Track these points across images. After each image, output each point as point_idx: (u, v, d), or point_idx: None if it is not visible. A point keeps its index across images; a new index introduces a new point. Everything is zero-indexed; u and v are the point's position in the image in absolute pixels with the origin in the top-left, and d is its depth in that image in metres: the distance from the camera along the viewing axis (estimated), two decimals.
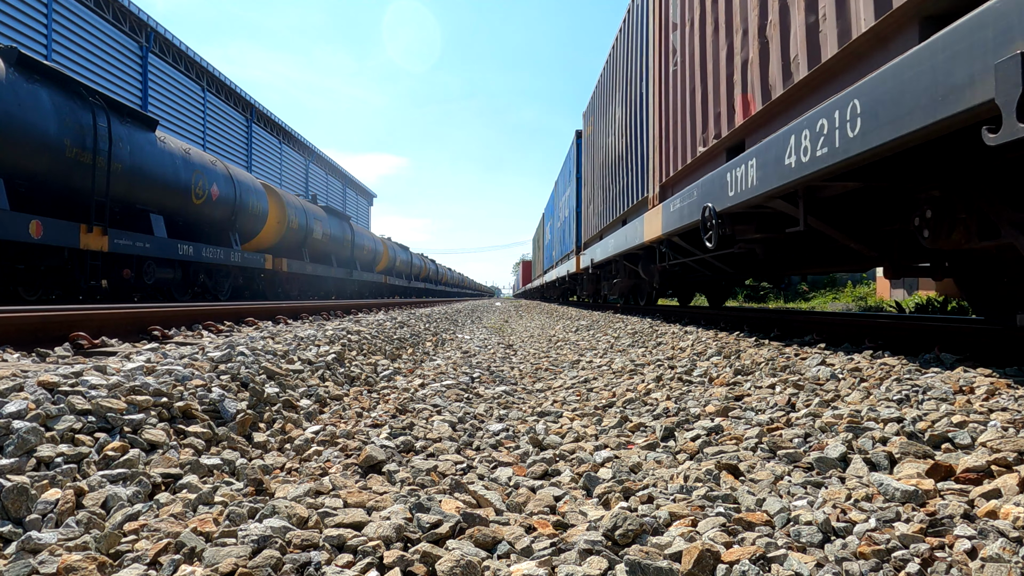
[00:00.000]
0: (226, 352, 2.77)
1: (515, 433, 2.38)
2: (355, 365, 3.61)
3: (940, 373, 2.23)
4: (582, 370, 4.04)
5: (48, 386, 1.83)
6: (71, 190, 8.08)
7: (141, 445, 1.70)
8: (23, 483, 1.31)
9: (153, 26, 22.16)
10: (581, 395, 3.15)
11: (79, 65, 18.44)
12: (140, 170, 9.24)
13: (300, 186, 37.39)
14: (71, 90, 8.14)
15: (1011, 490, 1.27)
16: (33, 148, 7.30)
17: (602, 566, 1.15)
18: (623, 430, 2.34)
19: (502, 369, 4.22)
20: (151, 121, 9.91)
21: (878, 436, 1.68)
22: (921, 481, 1.37)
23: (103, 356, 2.87)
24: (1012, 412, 1.68)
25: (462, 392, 3.20)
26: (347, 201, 47.60)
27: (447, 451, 2.07)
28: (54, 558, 1.12)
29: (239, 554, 1.14)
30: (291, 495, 1.53)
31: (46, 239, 7.22)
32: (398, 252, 28.88)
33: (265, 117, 32.54)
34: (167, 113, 23.34)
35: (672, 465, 1.89)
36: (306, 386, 2.76)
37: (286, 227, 15.03)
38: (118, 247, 8.56)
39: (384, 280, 25.55)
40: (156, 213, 9.92)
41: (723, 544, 1.20)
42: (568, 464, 1.96)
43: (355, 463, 1.82)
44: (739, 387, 2.71)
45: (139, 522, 1.29)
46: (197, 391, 2.15)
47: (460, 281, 64.05)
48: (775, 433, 1.94)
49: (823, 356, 2.89)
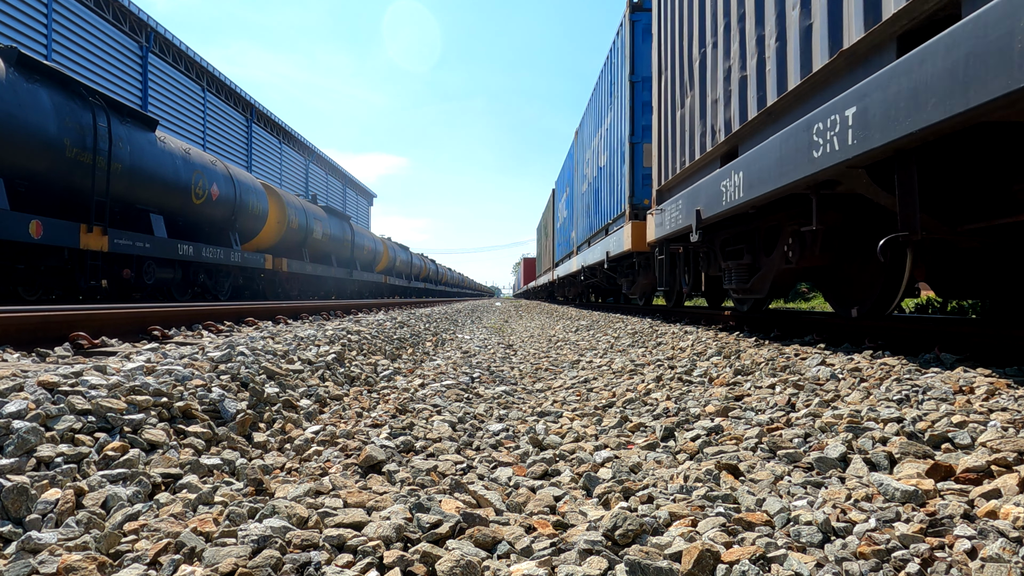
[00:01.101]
0: (226, 352, 2.77)
1: (515, 433, 2.38)
2: (355, 365, 3.61)
3: (940, 373, 2.23)
4: (582, 370, 4.04)
5: (48, 386, 1.83)
6: (71, 190, 8.08)
7: (141, 445, 1.70)
8: (23, 483, 1.31)
9: (153, 26, 22.16)
10: (581, 395, 3.15)
11: (79, 65, 18.44)
12: (140, 170, 9.24)
13: (300, 186, 37.39)
14: (71, 90, 8.14)
15: (1011, 490, 1.27)
16: (33, 148, 7.30)
17: (602, 566, 1.15)
18: (623, 430, 2.34)
19: (502, 369, 4.22)
20: (151, 121, 9.91)
21: (878, 436, 1.68)
22: (921, 481, 1.37)
23: (103, 356, 2.87)
24: (1012, 412, 1.68)
25: (462, 392, 3.20)
26: (347, 201, 47.60)
27: (447, 451, 2.07)
28: (54, 558, 1.12)
29: (239, 554, 1.14)
30: (291, 495, 1.53)
31: (46, 239, 7.22)
32: (398, 252, 28.89)
33: (265, 117, 32.54)
34: (167, 113, 23.34)
35: (672, 465, 1.89)
36: (306, 386, 2.76)
37: (286, 227, 15.03)
38: (118, 247, 8.56)
39: (384, 280, 25.55)
40: (156, 213, 9.92)
41: (723, 544, 1.20)
42: (568, 464, 1.96)
43: (355, 463, 1.82)
44: (739, 387, 2.71)
45: (139, 522, 1.29)
46: (197, 391, 2.16)
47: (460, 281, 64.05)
48: (775, 433, 1.94)
49: (823, 356, 2.89)
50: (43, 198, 7.91)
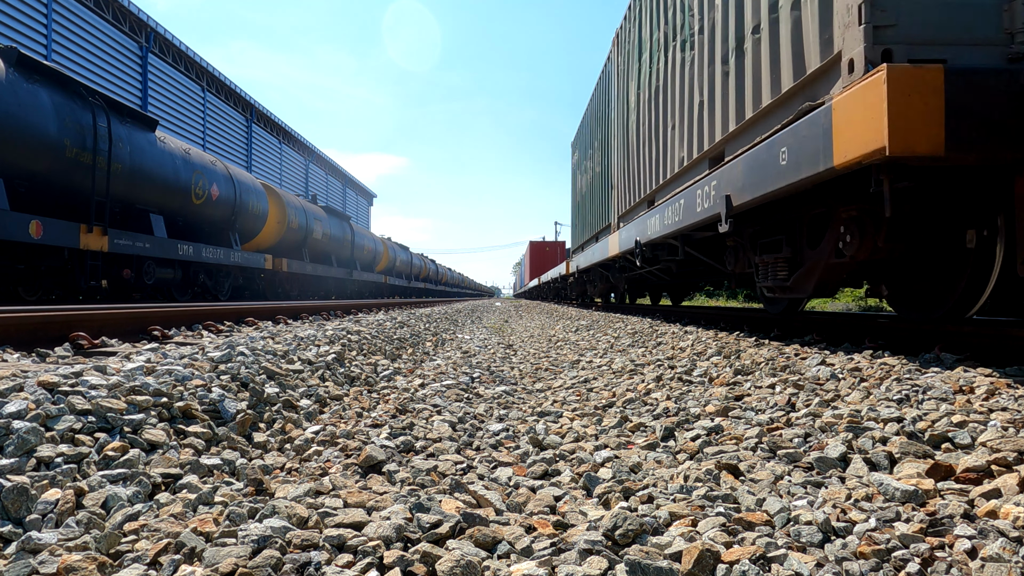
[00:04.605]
0: (226, 352, 2.77)
1: (515, 433, 2.38)
2: (355, 365, 3.61)
3: (940, 373, 2.23)
4: (582, 370, 4.04)
5: (48, 386, 1.83)
6: (71, 190, 8.08)
7: (141, 445, 1.70)
8: (23, 483, 1.31)
9: (153, 26, 22.15)
10: (581, 395, 3.15)
11: (79, 65, 18.43)
12: (140, 170, 9.24)
13: (300, 186, 37.39)
14: (71, 90, 8.14)
15: (1011, 490, 1.27)
16: (33, 148, 7.30)
17: (602, 566, 1.15)
18: (623, 430, 2.34)
19: (502, 369, 4.22)
20: (151, 121, 9.91)
21: (878, 436, 1.68)
22: (921, 481, 1.37)
23: (103, 356, 2.87)
24: (1012, 412, 1.68)
25: (462, 392, 3.20)
26: (347, 201, 47.60)
27: (447, 451, 2.07)
28: (54, 558, 1.12)
29: (239, 554, 1.14)
30: (291, 495, 1.53)
31: (46, 239, 7.22)
32: (398, 252, 28.88)
33: (265, 117, 32.54)
34: (167, 113, 23.34)
35: (672, 465, 1.89)
36: (306, 386, 2.76)
37: (286, 227, 15.03)
38: (118, 247, 8.55)
39: (384, 280, 25.54)
40: (156, 213, 9.91)
41: (723, 544, 1.20)
42: (568, 464, 1.96)
43: (355, 463, 1.82)
44: (739, 387, 2.71)
45: (139, 522, 1.29)
46: (197, 391, 2.15)
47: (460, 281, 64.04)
48: (775, 433, 1.94)
49: (823, 356, 2.89)
50: (43, 198, 7.91)
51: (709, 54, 4.92)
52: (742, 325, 5.21)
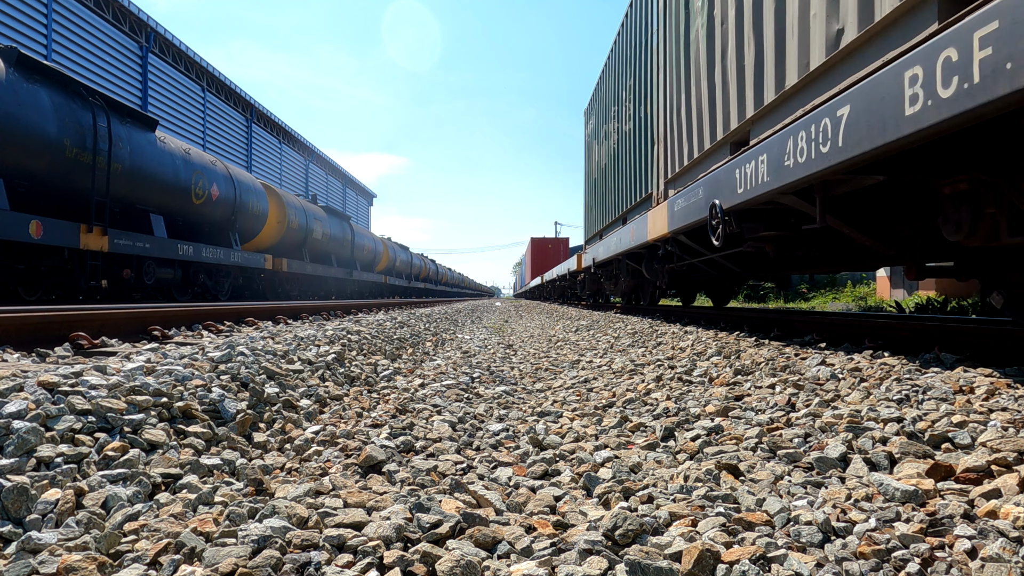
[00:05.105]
0: (226, 352, 2.77)
1: (515, 433, 2.38)
2: (355, 365, 3.61)
3: (940, 373, 2.23)
4: (582, 370, 4.04)
5: (48, 386, 1.83)
6: (71, 190, 8.08)
7: (141, 445, 1.70)
8: (23, 483, 1.31)
9: (153, 26, 22.15)
10: (581, 395, 3.15)
11: (79, 65, 18.44)
12: (140, 170, 9.24)
13: (300, 186, 37.39)
14: (71, 90, 8.14)
15: (1011, 490, 1.27)
16: (33, 148, 7.29)
17: (602, 566, 1.15)
18: (623, 430, 2.34)
19: (502, 369, 4.22)
20: (151, 121, 9.91)
21: (878, 436, 1.68)
22: (921, 481, 1.37)
23: (103, 356, 2.87)
24: (1012, 412, 1.68)
25: (462, 392, 3.20)
26: (347, 201, 47.60)
27: (447, 451, 2.07)
28: (54, 558, 1.12)
29: (239, 554, 1.14)
30: (291, 495, 1.53)
31: (46, 239, 7.22)
32: (398, 252, 28.88)
33: (265, 117, 32.54)
34: (167, 113, 23.34)
35: (672, 465, 1.89)
36: (306, 386, 2.76)
37: (286, 227, 15.03)
38: (118, 247, 8.55)
39: (384, 280, 25.54)
40: (156, 213, 9.91)
41: (723, 544, 1.20)
42: (568, 464, 1.96)
43: (355, 463, 1.82)
44: (739, 387, 2.71)
45: (139, 522, 1.29)
46: (197, 391, 2.15)
47: (460, 281, 64.04)
48: (775, 433, 1.94)
49: (823, 356, 2.89)
50: (43, 198, 7.91)
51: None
52: (742, 325, 5.21)
